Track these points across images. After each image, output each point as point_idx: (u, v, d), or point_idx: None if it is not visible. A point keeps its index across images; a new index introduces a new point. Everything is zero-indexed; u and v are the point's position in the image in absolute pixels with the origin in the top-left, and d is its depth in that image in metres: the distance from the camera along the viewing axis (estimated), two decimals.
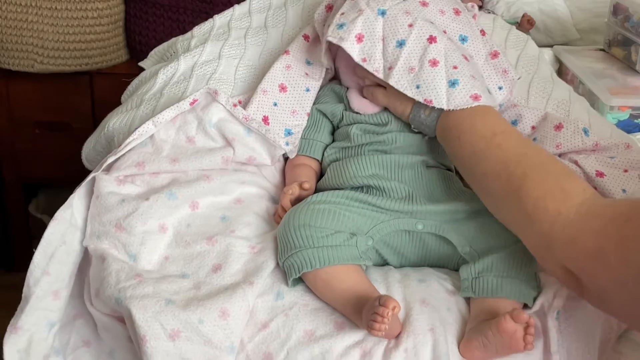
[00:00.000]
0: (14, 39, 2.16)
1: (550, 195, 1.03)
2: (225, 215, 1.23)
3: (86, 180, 1.19)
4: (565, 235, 0.99)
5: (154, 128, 1.27)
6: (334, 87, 1.43)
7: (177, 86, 1.46)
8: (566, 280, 1.03)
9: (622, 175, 1.28)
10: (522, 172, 1.08)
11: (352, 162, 1.28)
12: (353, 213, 1.19)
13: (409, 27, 1.31)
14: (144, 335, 1.01)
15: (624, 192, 1.25)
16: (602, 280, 0.95)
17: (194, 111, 1.31)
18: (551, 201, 1.02)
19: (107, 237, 1.14)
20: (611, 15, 2.07)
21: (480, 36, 1.39)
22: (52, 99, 2.31)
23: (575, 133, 1.34)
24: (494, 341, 1.04)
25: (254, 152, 1.31)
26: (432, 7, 1.35)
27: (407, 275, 1.20)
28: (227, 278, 1.12)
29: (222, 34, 1.58)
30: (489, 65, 1.37)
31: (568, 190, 1.03)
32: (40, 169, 2.40)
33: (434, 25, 1.33)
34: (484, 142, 1.16)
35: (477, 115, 1.22)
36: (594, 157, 1.32)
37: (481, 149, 1.16)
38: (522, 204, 1.06)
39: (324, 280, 1.12)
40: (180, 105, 1.29)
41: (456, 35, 1.35)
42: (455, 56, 1.30)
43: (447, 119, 1.25)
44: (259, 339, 1.08)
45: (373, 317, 1.02)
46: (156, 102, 1.44)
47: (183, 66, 1.49)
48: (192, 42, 1.58)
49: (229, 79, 1.46)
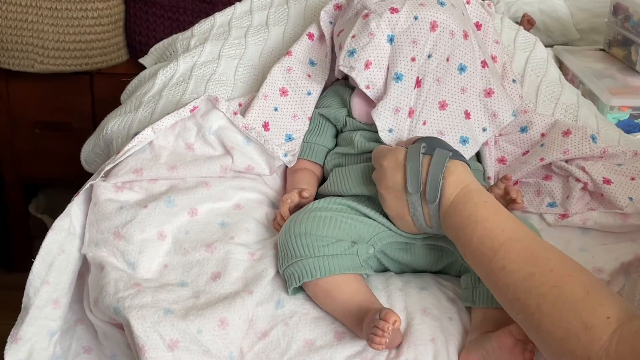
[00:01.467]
0: (14, 39, 2.16)
1: (574, 336, 0.91)
2: (224, 221, 1.22)
3: (84, 187, 1.19)
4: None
5: (152, 135, 1.26)
6: (339, 90, 1.42)
7: (176, 88, 1.45)
8: None
9: (629, 183, 1.28)
10: (536, 305, 0.94)
11: (354, 170, 1.27)
12: (354, 221, 1.19)
13: (412, 61, 1.31)
14: (142, 346, 1.00)
15: (630, 200, 1.26)
16: None
17: (193, 118, 1.30)
18: (577, 344, 0.90)
19: (106, 245, 1.14)
20: (611, 15, 2.07)
21: (479, 68, 1.35)
22: (52, 99, 2.30)
23: (583, 140, 1.34)
24: (493, 355, 1.03)
25: (253, 162, 1.31)
26: (440, 30, 1.31)
27: (408, 282, 1.20)
28: (227, 286, 1.11)
29: (222, 33, 1.57)
30: (480, 103, 1.34)
31: (591, 327, 0.90)
32: (40, 169, 2.39)
33: (432, 59, 1.32)
34: (486, 263, 1.02)
35: (478, 219, 1.06)
36: (601, 164, 1.32)
37: (485, 272, 1.03)
38: (547, 344, 0.94)
39: (324, 290, 1.12)
40: (180, 112, 1.28)
41: (456, 64, 1.33)
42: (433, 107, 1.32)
43: (446, 227, 1.11)
44: (259, 348, 1.08)
45: (374, 330, 1.01)
46: (155, 105, 1.43)
47: (182, 67, 1.49)
48: (192, 42, 1.57)
49: (228, 80, 1.46)
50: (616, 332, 0.89)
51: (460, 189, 1.10)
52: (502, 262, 0.99)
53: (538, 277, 0.96)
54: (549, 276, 0.96)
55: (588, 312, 0.91)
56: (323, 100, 1.43)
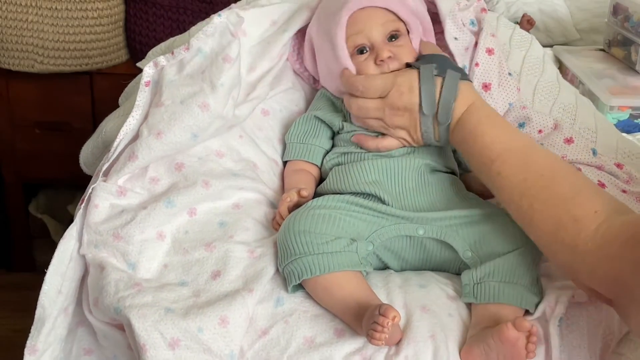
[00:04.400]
0: (14, 39, 2.16)
1: (562, 227, 1.02)
2: (223, 220, 1.22)
3: (87, 193, 1.18)
4: (585, 265, 1.00)
5: (134, 121, 1.25)
6: (329, 95, 1.41)
7: None
8: (596, 297, 1.03)
9: (619, 195, 1.29)
10: (528, 205, 1.07)
11: (354, 167, 1.27)
12: (353, 218, 1.19)
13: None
14: (143, 345, 1.01)
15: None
16: (622, 300, 0.96)
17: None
18: (565, 234, 1.02)
19: (106, 246, 1.13)
20: (611, 15, 2.08)
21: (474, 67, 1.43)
22: (52, 99, 2.31)
23: (584, 151, 1.35)
24: (495, 349, 1.03)
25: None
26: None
27: (408, 279, 1.19)
28: (227, 285, 1.11)
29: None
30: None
31: (580, 219, 1.01)
32: (40, 169, 2.40)
33: None
34: (486, 171, 1.16)
35: (478, 133, 1.19)
36: (596, 171, 1.33)
37: (486, 178, 1.17)
38: (539, 237, 1.07)
39: (324, 287, 1.12)
40: (141, 91, 1.26)
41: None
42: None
43: (455, 140, 1.23)
44: (259, 346, 1.08)
45: (373, 326, 1.01)
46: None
47: None
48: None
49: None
50: (604, 222, 0.99)
51: (467, 107, 1.21)
52: (498, 170, 1.13)
53: (530, 181, 1.09)
54: (539, 180, 1.09)
55: (577, 208, 1.03)
56: (315, 103, 1.43)
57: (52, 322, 1.10)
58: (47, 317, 1.09)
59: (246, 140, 1.36)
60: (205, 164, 1.28)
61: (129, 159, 1.21)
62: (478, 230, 1.18)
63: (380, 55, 1.29)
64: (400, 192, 1.24)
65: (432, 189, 1.26)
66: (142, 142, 1.21)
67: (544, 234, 1.06)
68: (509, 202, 1.12)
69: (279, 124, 1.45)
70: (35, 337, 1.09)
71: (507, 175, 1.12)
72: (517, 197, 1.09)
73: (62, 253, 1.13)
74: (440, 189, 1.26)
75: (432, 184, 1.26)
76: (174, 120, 1.22)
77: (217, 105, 1.25)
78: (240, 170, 1.30)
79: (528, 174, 1.10)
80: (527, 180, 1.09)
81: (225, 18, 1.30)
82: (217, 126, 1.28)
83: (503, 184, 1.12)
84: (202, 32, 1.28)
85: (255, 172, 1.33)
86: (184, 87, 1.26)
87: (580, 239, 0.99)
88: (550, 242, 1.05)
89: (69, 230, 1.14)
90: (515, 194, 1.10)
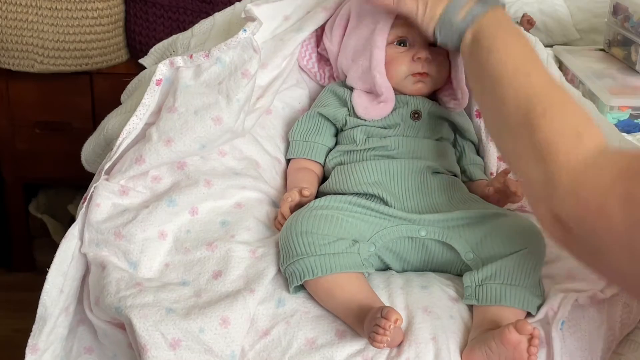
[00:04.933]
0: (14, 39, 2.16)
1: (564, 137, 0.96)
2: (225, 220, 1.22)
3: (89, 192, 1.18)
4: (569, 183, 0.92)
5: (138, 121, 1.24)
6: (335, 89, 1.42)
7: None
8: (552, 228, 0.96)
9: None
10: (542, 110, 1.00)
11: (356, 167, 1.28)
12: (355, 219, 1.19)
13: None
14: (144, 345, 1.01)
15: None
16: (601, 238, 0.88)
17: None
18: (563, 144, 0.96)
19: (107, 245, 1.13)
20: (611, 15, 2.07)
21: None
22: (52, 99, 2.30)
23: None
24: (497, 352, 1.03)
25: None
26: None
27: (410, 281, 1.19)
28: (228, 285, 1.11)
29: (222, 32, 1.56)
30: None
31: (582, 135, 0.96)
32: (40, 169, 2.39)
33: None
34: (513, 67, 1.09)
35: (514, 35, 1.16)
36: None
37: (508, 73, 1.09)
38: (533, 138, 0.99)
39: (325, 288, 1.12)
40: (150, 89, 1.25)
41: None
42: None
43: (481, 28, 1.17)
44: (260, 346, 1.08)
45: (375, 329, 1.01)
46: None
47: None
48: (192, 42, 1.57)
49: None
50: (602, 146, 0.95)
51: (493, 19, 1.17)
52: (529, 70, 1.08)
53: (554, 95, 1.03)
54: (563, 97, 1.03)
55: (584, 127, 0.98)
56: (320, 100, 1.43)
57: (53, 321, 1.10)
58: (49, 316, 1.10)
59: (248, 139, 1.36)
60: (207, 163, 1.28)
61: (136, 162, 1.20)
62: (480, 231, 1.18)
63: (420, 54, 1.32)
64: (402, 194, 1.24)
65: (434, 190, 1.26)
66: (151, 147, 1.21)
67: (543, 135, 0.98)
68: (521, 102, 1.05)
69: (282, 122, 1.45)
70: (37, 336, 1.10)
71: (536, 81, 1.06)
72: (536, 100, 1.03)
73: (64, 252, 1.13)
74: (442, 190, 1.26)
75: (434, 186, 1.26)
76: (186, 130, 1.22)
77: (229, 120, 1.25)
78: (243, 169, 1.30)
79: (555, 91, 1.05)
80: (551, 93, 1.04)
81: (251, 33, 1.29)
82: (226, 139, 1.28)
83: (525, 85, 1.06)
84: (224, 44, 1.26)
85: (258, 171, 1.33)
86: (199, 96, 1.25)
87: (575, 152, 0.94)
88: (542, 148, 0.98)
89: (71, 229, 1.14)
90: (535, 97, 1.03)
